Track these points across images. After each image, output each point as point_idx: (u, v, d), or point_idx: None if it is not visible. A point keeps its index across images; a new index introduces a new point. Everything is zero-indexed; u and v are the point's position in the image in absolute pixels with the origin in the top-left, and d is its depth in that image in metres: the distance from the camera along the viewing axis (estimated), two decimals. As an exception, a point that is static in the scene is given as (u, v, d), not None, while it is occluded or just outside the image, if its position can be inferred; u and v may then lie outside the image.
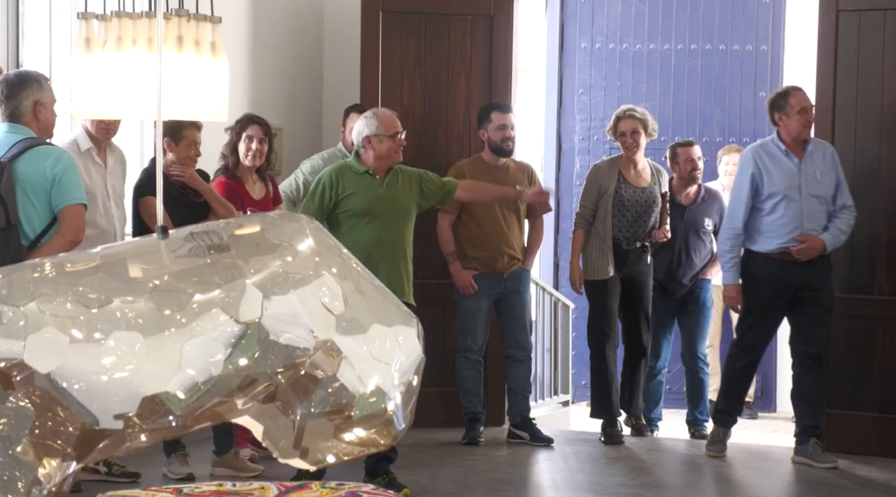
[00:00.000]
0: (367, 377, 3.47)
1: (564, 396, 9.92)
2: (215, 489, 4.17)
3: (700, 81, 10.73)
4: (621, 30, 10.79)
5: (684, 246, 8.56)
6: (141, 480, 6.82)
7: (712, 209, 8.64)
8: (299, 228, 3.56)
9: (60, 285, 3.39)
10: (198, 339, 3.36)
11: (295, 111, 8.64)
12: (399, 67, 8.61)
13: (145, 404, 3.35)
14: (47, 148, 5.79)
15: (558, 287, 10.59)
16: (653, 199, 8.29)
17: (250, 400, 3.44)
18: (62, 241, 5.53)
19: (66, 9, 7.37)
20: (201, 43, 4.27)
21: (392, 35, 8.57)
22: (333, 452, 3.52)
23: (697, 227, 8.59)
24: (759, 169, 7.54)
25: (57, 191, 5.65)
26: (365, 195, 6.82)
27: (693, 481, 7.55)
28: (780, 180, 7.49)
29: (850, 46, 8.04)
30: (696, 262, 8.60)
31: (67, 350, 3.33)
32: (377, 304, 3.56)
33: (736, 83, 10.68)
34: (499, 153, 8.08)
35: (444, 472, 7.23)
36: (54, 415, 3.35)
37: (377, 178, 6.86)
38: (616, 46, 10.81)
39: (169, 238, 3.53)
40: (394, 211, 6.85)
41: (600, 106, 10.85)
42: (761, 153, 7.59)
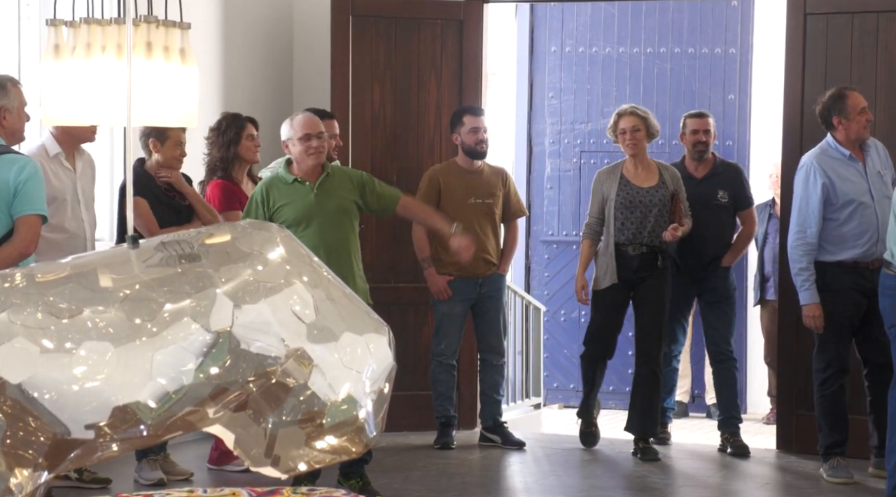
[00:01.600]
0: (339, 385, 3.47)
1: (536, 399, 9.95)
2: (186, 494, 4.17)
3: (669, 84, 10.77)
4: (591, 33, 10.82)
5: (695, 220, 8.02)
6: (112, 486, 6.81)
7: (727, 181, 8.18)
8: (270, 237, 3.56)
9: (31, 295, 3.39)
10: (169, 349, 3.36)
11: (265, 116, 8.62)
12: (369, 71, 8.61)
13: (116, 414, 3.35)
14: (12, 156, 5.74)
15: (530, 290, 10.63)
16: (659, 199, 7.87)
17: (221, 408, 3.44)
18: (12, 251, 5.44)
19: (35, 15, 7.34)
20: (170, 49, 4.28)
21: (362, 39, 8.57)
22: (305, 460, 3.53)
23: (708, 199, 8.10)
24: (828, 178, 7.18)
25: (18, 200, 5.58)
26: (295, 204, 6.69)
27: (665, 483, 7.57)
28: (851, 187, 7.17)
29: (817, 49, 8.07)
30: (710, 234, 8.09)
31: (38, 360, 3.33)
32: (348, 312, 3.56)
33: (705, 86, 10.73)
34: (473, 156, 8.09)
35: (416, 476, 7.23)
36: (25, 425, 3.34)
37: (306, 184, 6.72)
38: (586, 50, 10.84)
39: (139, 247, 3.53)
40: (328, 215, 6.68)
41: (570, 109, 10.88)
42: (826, 160, 7.22)
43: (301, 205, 6.67)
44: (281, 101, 9.00)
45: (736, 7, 10.56)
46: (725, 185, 8.15)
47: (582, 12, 10.74)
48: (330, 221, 6.68)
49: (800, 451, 8.02)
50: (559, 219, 11.02)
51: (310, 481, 6.46)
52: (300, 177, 6.70)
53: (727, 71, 10.69)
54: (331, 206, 6.68)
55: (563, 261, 10.93)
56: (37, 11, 7.35)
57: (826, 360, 7.33)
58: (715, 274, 8.14)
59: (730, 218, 8.23)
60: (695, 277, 8.14)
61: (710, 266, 8.12)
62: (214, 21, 8.47)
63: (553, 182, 10.95)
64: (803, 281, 7.26)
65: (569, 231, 10.80)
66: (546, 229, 11.02)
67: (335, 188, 6.73)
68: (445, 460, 7.82)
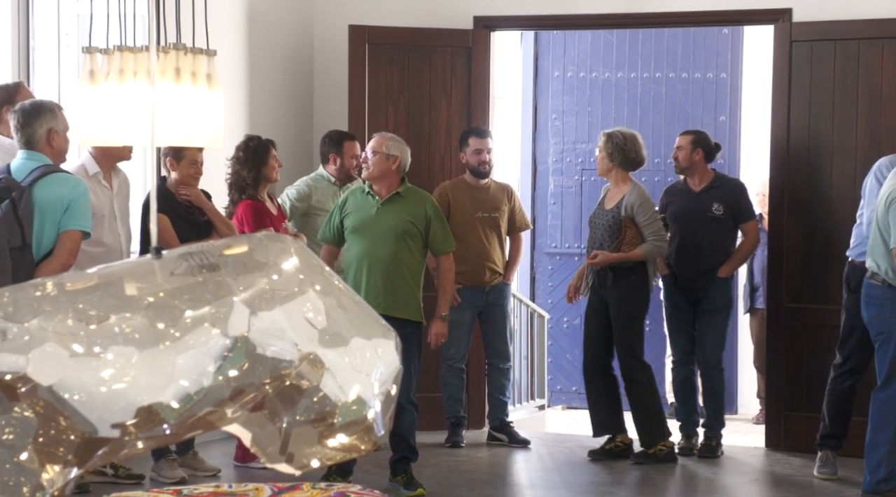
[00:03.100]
0: (349, 387, 3.45)
1: (541, 401, 9.92)
2: (213, 490, 4.15)
3: (665, 107, 10.75)
4: (591, 59, 10.81)
5: (690, 231, 7.97)
6: (145, 482, 6.80)
7: (724, 194, 8.00)
8: (284, 248, 3.54)
9: (61, 303, 3.38)
10: (190, 353, 3.34)
11: (287, 137, 8.63)
12: (384, 95, 8.61)
13: (141, 414, 3.33)
14: (64, 175, 5.78)
15: (534, 299, 10.61)
16: (606, 222, 7.73)
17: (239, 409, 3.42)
18: (56, 265, 5.48)
19: (73, 43, 7.36)
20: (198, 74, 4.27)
21: (377, 66, 8.57)
22: (318, 457, 3.50)
23: (704, 211, 7.95)
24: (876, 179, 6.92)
25: (66, 215, 5.63)
26: (358, 214, 6.76)
27: (662, 479, 7.54)
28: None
29: (802, 74, 8.06)
30: (704, 245, 7.95)
31: (68, 363, 3.31)
32: (357, 318, 3.54)
33: (697, 108, 10.71)
34: (476, 175, 8.09)
35: (428, 472, 7.21)
36: (56, 424, 3.33)
37: (375, 199, 6.76)
38: (587, 75, 10.83)
39: (163, 258, 3.51)
40: (382, 231, 6.68)
41: (572, 130, 10.87)
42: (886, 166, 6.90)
43: (362, 216, 6.73)
44: (301, 124, 9.00)
45: (726, 35, 10.54)
46: (721, 199, 7.99)
47: (583, 40, 10.74)
48: (383, 237, 6.67)
49: (787, 448, 8.00)
50: (562, 232, 11.00)
51: (342, 477, 6.48)
52: (374, 191, 6.74)
53: (718, 94, 10.67)
54: (387, 224, 6.68)
55: (565, 271, 10.90)
56: (75, 40, 7.37)
57: (843, 356, 7.17)
58: (711, 284, 7.97)
59: (726, 230, 8.05)
60: (691, 287, 8.01)
61: (706, 276, 7.97)
62: (239, 49, 8.48)
63: (556, 198, 10.94)
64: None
65: (571, 243, 10.79)
66: (550, 242, 11.01)
67: (401, 209, 6.72)
68: (455, 458, 7.81)
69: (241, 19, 8.50)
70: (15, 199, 5.52)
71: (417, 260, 6.77)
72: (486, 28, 8.73)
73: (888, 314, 6.58)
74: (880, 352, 6.64)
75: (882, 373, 6.63)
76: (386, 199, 6.74)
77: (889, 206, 6.52)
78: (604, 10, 8.59)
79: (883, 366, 6.63)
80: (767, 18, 8.35)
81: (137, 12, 4.33)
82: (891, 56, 7.86)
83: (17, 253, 5.50)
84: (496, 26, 8.82)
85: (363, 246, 6.70)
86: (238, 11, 8.45)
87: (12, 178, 5.64)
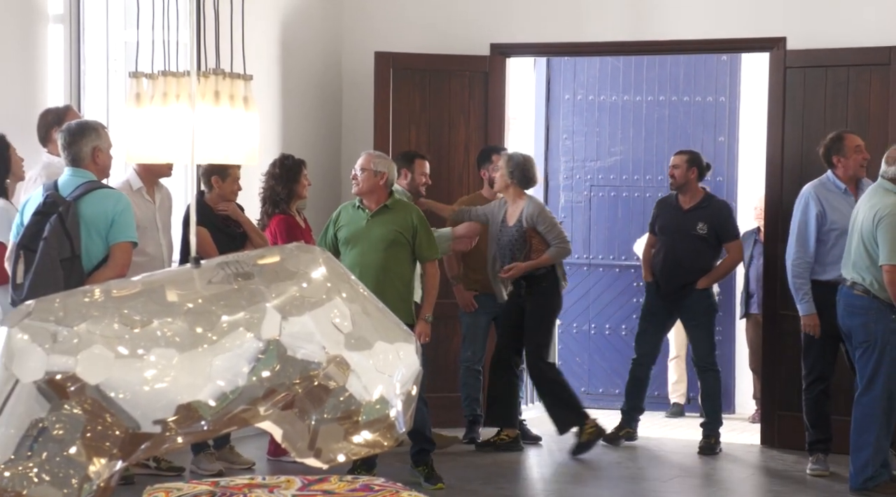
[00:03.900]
0: (373, 387, 3.45)
1: (551, 400, 9.88)
2: (247, 482, 4.16)
3: (667, 128, 10.72)
4: (599, 84, 10.79)
5: (673, 245, 8.02)
6: (185, 474, 6.81)
7: (710, 214, 8.01)
8: (313, 258, 3.55)
9: (108, 308, 3.39)
10: (226, 355, 3.35)
11: (317, 154, 8.65)
12: (407, 116, 8.62)
13: (181, 411, 3.33)
14: (108, 191, 5.80)
15: (546, 305, 10.56)
16: (509, 237, 7.71)
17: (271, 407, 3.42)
18: (110, 275, 5.51)
19: (121, 68, 7.40)
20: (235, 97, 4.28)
21: (401, 89, 8.59)
22: (344, 452, 3.50)
23: (688, 229, 7.99)
24: (821, 206, 7.13)
25: (114, 228, 5.64)
26: (350, 227, 6.82)
27: (663, 473, 7.52)
28: (839, 217, 7.09)
29: (796, 98, 8.05)
30: (685, 261, 7.99)
31: (114, 364, 3.32)
32: (380, 323, 3.55)
33: (698, 130, 10.67)
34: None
35: (447, 466, 7.21)
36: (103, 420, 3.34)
37: (365, 212, 6.81)
38: (595, 98, 10.81)
39: (201, 267, 3.52)
40: (372, 241, 6.74)
41: (582, 149, 10.84)
42: (822, 191, 7.18)
43: (353, 228, 6.78)
44: (331, 143, 9.02)
45: (725, 61, 10.51)
46: (707, 218, 8.01)
47: (592, 65, 10.73)
48: (373, 246, 6.71)
49: (781, 446, 7.97)
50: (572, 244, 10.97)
51: (367, 471, 6.49)
52: (363, 205, 6.77)
53: (717, 116, 10.63)
54: (377, 234, 6.72)
55: (574, 281, 10.85)
56: (122, 66, 7.41)
57: (808, 367, 7.30)
58: (690, 296, 8.00)
59: (709, 248, 8.05)
60: (672, 298, 8.06)
61: (686, 290, 7.99)
62: (274, 73, 8.50)
63: (567, 212, 10.90)
64: (803, 294, 7.18)
65: (580, 255, 10.74)
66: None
67: (389, 220, 6.76)
68: (472, 453, 7.79)
69: (276, 47, 8.52)
70: (62, 214, 5.53)
71: (406, 267, 6.81)
72: (501, 54, 8.74)
73: (873, 323, 6.58)
74: (864, 358, 6.63)
75: (865, 377, 6.62)
76: (375, 211, 6.80)
77: (878, 224, 6.53)
78: (611, 39, 8.60)
79: (866, 371, 6.61)
80: (763, 46, 8.35)
81: (180, 40, 4.34)
82: (878, 82, 7.85)
83: (68, 263, 5.52)
84: (511, 53, 8.84)
85: (355, 255, 6.75)
86: (272, 39, 8.48)
87: (59, 194, 5.66)
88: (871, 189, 6.81)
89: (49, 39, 7.01)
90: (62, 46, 7.08)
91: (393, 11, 8.91)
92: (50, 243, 5.46)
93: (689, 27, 8.41)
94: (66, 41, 7.09)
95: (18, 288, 5.47)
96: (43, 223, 5.52)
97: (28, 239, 5.52)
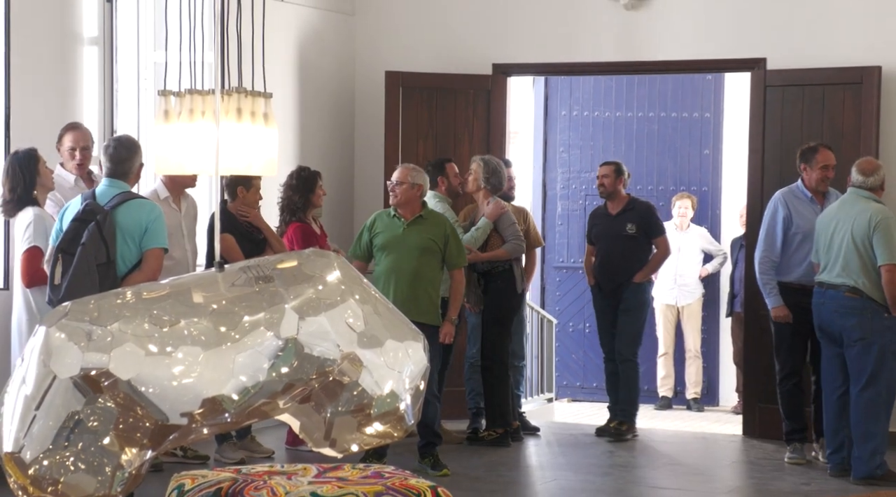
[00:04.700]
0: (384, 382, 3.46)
1: (549, 394, 9.87)
2: (267, 469, 4.16)
3: (657, 141, 10.72)
4: (594, 100, 10.79)
5: (608, 248, 8.02)
6: (209, 462, 6.81)
7: (636, 216, 7.99)
8: (328, 263, 3.56)
9: (139, 309, 3.40)
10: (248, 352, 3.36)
11: (332, 166, 8.65)
12: (415, 131, 8.62)
13: (206, 404, 3.34)
14: (142, 201, 5.80)
15: (544, 306, 10.57)
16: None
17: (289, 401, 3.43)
18: (142, 278, 5.51)
19: (151, 87, 7.41)
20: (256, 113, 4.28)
21: (409, 106, 8.59)
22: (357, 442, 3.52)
23: (619, 231, 7.98)
24: (788, 210, 7.14)
25: (147, 235, 5.64)
26: (386, 234, 6.79)
27: (650, 461, 7.52)
28: (804, 223, 7.07)
29: (774, 114, 8.04)
30: (620, 260, 7.95)
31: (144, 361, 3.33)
32: (391, 323, 3.55)
33: (685, 143, 10.67)
34: (506, 199, 7.99)
35: (452, 455, 7.20)
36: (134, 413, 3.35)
37: (401, 220, 6.80)
38: (590, 114, 10.82)
39: (225, 271, 3.53)
40: (407, 248, 6.72)
41: (577, 161, 10.85)
42: (790, 196, 7.17)
43: (390, 235, 6.76)
44: (344, 155, 9.02)
45: (710, 80, 10.52)
46: (634, 220, 8.01)
47: (586, 83, 10.73)
48: (408, 253, 6.70)
49: (762, 436, 7.95)
50: (568, 249, 10.96)
51: (378, 460, 6.49)
52: (399, 214, 6.75)
53: (703, 131, 10.63)
54: (412, 242, 6.72)
55: (571, 283, 10.88)
56: (152, 84, 7.41)
57: (780, 363, 7.29)
58: (626, 290, 7.97)
59: (639, 246, 8.04)
60: (610, 294, 8.02)
61: (622, 286, 7.96)
62: (292, 91, 8.51)
63: (563, 219, 10.91)
64: (770, 289, 7.18)
65: (576, 259, 10.74)
66: (558, 257, 10.97)
67: (423, 230, 6.77)
68: (476, 443, 7.77)
69: (294, 67, 8.53)
70: (100, 221, 5.54)
71: (436, 273, 6.82)
72: (503, 74, 8.73)
73: (868, 322, 6.57)
74: (860, 355, 6.59)
75: (866, 373, 6.58)
76: (411, 221, 6.78)
77: (874, 229, 6.53)
78: (604, 59, 8.60)
79: (866, 367, 6.57)
80: (745, 66, 8.34)
81: (205, 61, 4.35)
82: (850, 99, 7.84)
83: (103, 268, 5.51)
84: (512, 72, 8.83)
85: (391, 261, 6.73)
86: (291, 60, 8.49)
87: (97, 203, 5.66)
88: (846, 198, 6.79)
89: (84, 60, 7.02)
90: (96, 67, 7.09)
91: (402, 34, 8.92)
92: (87, 248, 5.47)
93: (676, 49, 8.41)
94: (100, 62, 7.10)
95: (56, 288, 5.48)
96: (81, 229, 5.53)
97: (66, 243, 5.52)
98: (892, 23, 7.93)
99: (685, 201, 10.22)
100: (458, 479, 6.62)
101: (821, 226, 6.83)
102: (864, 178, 6.73)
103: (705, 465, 7.49)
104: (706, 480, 7.00)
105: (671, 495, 6.54)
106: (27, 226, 5.93)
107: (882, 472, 6.60)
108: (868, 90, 7.79)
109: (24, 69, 6.55)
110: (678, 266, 10.12)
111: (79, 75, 6.96)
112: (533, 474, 7.27)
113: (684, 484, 6.82)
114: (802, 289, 7.07)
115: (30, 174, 5.97)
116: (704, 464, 7.53)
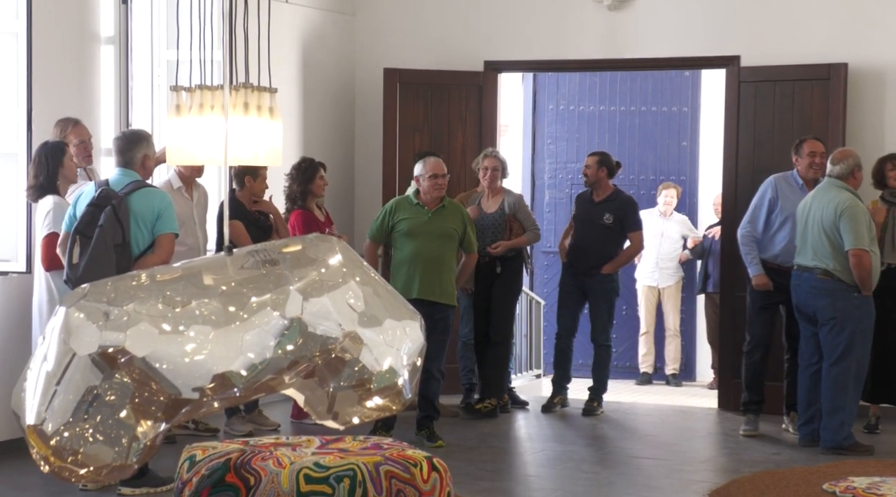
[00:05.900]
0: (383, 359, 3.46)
1: (537, 371, 9.88)
2: (274, 441, 4.16)
3: (638, 134, 10.72)
4: (579, 95, 10.78)
5: (583, 232, 7.91)
6: (219, 434, 6.81)
7: (616, 207, 7.86)
8: (331, 247, 3.55)
9: (153, 291, 3.39)
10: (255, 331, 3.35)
11: (333, 157, 8.63)
12: (411, 124, 8.61)
13: (216, 380, 3.34)
14: (153, 189, 5.79)
15: (533, 288, 10.57)
16: (492, 221, 7.68)
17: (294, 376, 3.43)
18: (156, 261, 5.51)
19: (163, 83, 7.38)
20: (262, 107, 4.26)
21: (406, 101, 8.57)
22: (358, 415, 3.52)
23: (595, 219, 7.86)
24: (776, 193, 7.11)
25: (159, 221, 5.63)
26: (411, 221, 6.78)
27: (631, 433, 7.53)
28: (789, 206, 7.04)
29: (748, 108, 8.04)
30: (592, 246, 7.83)
31: (158, 339, 3.33)
32: (390, 304, 3.55)
33: (664, 136, 10.67)
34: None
35: (447, 428, 7.21)
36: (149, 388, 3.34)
37: (425, 209, 6.80)
38: (575, 108, 10.81)
39: (233, 255, 3.52)
40: (432, 235, 6.75)
41: (564, 153, 10.84)
42: (781, 181, 7.15)
43: (415, 222, 6.75)
44: (345, 148, 9.01)
45: (688, 76, 10.51)
46: (613, 210, 7.87)
47: (572, 79, 10.72)
48: (432, 239, 6.72)
49: (735, 409, 7.94)
50: (555, 235, 10.92)
51: (386, 431, 6.52)
52: (422, 203, 6.74)
53: (681, 124, 10.63)
54: (436, 229, 6.74)
55: (558, 267, 10.79)
56: (164, 80, 7.39)
57: (751, 334, 7.29)
58: (595, 279, 7.87)
59: (613, 236, 7.92)
60: (579, 279, 7.93)
61: (591, 272, 7.86)
62: (296, 87, 8.49)
63: (551, 207, 10.91)
64: (752, 258, 7.14)
65: (562, 244, 10.74)
66: (545, 243, 10.94)
67: (446, 218, 6.80)
68: (468, 416, 7.78)
69: (298, 64, 8.51)
70: (115, 206, 5.53)
71: (454, 257, 6.90)
72: (494, 70, 8.72)
73: (840, 302, 6.59)
74: (832, 333, 6.60)
75: (837, 351, 6.59)
76: (435, 209, 6.78)
77: (840, 216, 6.53)
78: (589, 57, 8.59)
79: (838, 344, 6.58)
80: (720, 63, 8.34)
81: (215, 58, 4.33)
82: (819, 94, 7.84)
83: (119, 249, 5.51)
84: (502, 69, 8.82)
85: (415, 245, 6.73)
86: (295, 57, 8.47)
87: (111, 189, 5.65)
88: (820, 187, 6.81)
89: (101, 58, 7.00)
90: (113, 64, 7.07)
91: (400, 34, 8.90)
92: (105, 230, 5.47)
93: (656, 47, 8.40)
94: (116, 60, 7.08)
95: (75, 267, 5.49)
96: (97, 213, 5.52)
97: (84, 226, 5.52)
98: (858, 23, 7.94)
99: (671, 190, 10.22)
100: (452, 450, 6.63)
101: (799, 212, 6.85)
102: (832, 166, 6.75)
103: (683, 437, 7.50)
104: (683, 451, 7.01)
105: (650, 464, 6.55)
106: (47, 213, 5.92)
107: (849, 443, 6.62)
108: (835, 85, 7.79)
109: (46, 67, 6.53)
110: (660, 250, 10.12)
111: (96, 73, 6.94)
112: (522, 445, 7.28)
113: (662, 454, 6.84)
114: (778, 269, 7.07)
115: (54, 164, 5.97)
116: (682, 435, 7.55)
